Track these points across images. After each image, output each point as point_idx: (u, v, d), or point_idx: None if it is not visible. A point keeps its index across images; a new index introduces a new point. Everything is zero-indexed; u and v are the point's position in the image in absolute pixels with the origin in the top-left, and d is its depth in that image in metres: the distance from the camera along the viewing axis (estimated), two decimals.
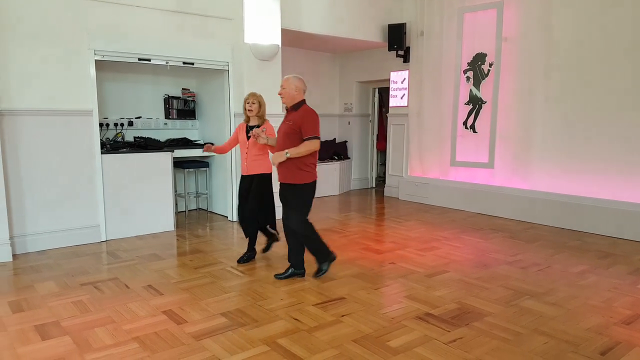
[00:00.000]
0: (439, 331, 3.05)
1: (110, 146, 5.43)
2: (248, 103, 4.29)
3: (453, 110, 7.20)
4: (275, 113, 6.20)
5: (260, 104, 4.33)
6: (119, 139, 5.89)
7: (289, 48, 7.50)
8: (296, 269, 4.03)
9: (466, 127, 7.08)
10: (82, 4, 4.85)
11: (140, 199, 5.41)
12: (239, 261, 4.46)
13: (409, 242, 5.19)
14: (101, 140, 5.26)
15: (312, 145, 3.72)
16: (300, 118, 3.76)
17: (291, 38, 6.86)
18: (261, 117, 4.37)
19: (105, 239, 5.20)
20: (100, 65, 5.20)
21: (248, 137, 4.29)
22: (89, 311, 3.34)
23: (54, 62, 4.73)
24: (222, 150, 4.62)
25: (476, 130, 6.96)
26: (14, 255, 4.53)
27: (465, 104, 7.07)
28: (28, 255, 4.61)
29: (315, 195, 3.96)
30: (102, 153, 5.11)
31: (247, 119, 4.38)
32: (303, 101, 3.89)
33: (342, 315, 3.26)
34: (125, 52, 5.20)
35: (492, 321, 3.20)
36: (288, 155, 3.68)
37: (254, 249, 4.54)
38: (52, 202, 4.84)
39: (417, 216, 6.60)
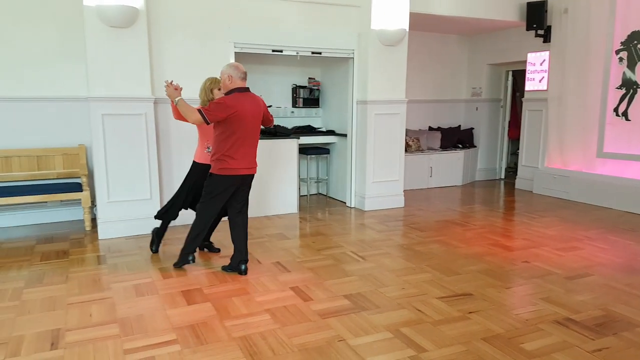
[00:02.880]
0: (581, 338, 2.77)
1: None
2: (220, 90, 3.85)
3: (602, 95, 6.40)
4: (398, 99, 6.11)
5: None
6: None
7: (414, 32, 7.28)
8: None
9: (617, 114, 6.27)
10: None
11: (269, 182, 5.73)
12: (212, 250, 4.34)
13: (545, 240, 4.76)
14: None
15: (192, 112, 3.41)
16: None
17: (417, 21, 6.64)
18: None
19: None
20: (236, 57, 5.55)
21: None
22: (227, 282, 3.65)
23: (200, 55, 5.16)
24: (175, 112, 3.87)
25: (629, 118, 6.13)
26: None
27: (616, 88, 6.26)
28: (175, 228, 5.09)
29: (436, 185, 3.75)
30: None
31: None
32: (235, 90, 3.53)
33: (470, 312, 3.12)
34: (260, 44, 5.48)
35: None
36: (176, 100, 3.50)
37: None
38: None
39: (555, 212, 6.02)
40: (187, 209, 4.21)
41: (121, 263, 4.06)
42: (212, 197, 3.65)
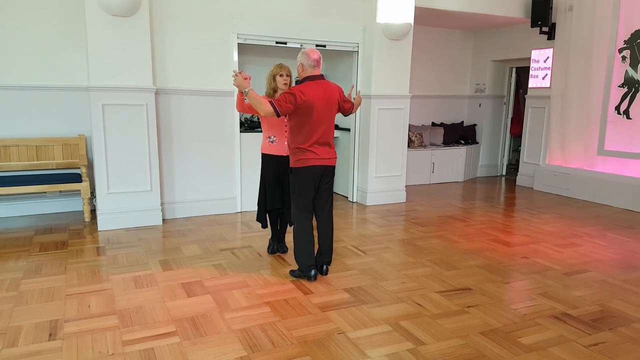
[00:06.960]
0: (577, 333, 2.80)
1: (248, 125, 5.81)
2: (282, 76, 3.76)
3: (604, 93, 6.39)
4: (402, 94, 6.10)
5: (291, 79, 3.84)
6: (256, 118, 6.27)
7: (419, 26, 7.26)
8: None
9: (618, 113, 6.26)
10: None
11: None
12: (271, 252, 4.18)
13: (545, 237, 4.78)
14: (240, 120, 5.64)
15: (262, 104, 3.24)
16: None
17: (423, 16, 6.62)
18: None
19: (240, 210, 5.61)
20: (239, 48, 5.53)
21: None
22: (227, 274, 3.65)
23: (203, 45, 5.13)
24: (240, 104, 3.77)
25: (631, 117, 6.12)
26: (163, 220, 5.09)
27: (618, 86, 6.25)
28: (175, 221, 5.17)
29: (438, 181, 3.73)
30: (240, 131, 5.48)
31: (272, 94, 3.79)
32: (307, 78, 3.42)
33: (468, 306, 3.13)
34: (264, 36, 5.44)
35: None
36: (246, 90, 3.29)
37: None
38: (197, 174, 5.33)
39: (555, 209, 6.03)
40: (281, 207, 3.97)
41: (121, 254, 4.05)
42: (299, 194, 3.45)
